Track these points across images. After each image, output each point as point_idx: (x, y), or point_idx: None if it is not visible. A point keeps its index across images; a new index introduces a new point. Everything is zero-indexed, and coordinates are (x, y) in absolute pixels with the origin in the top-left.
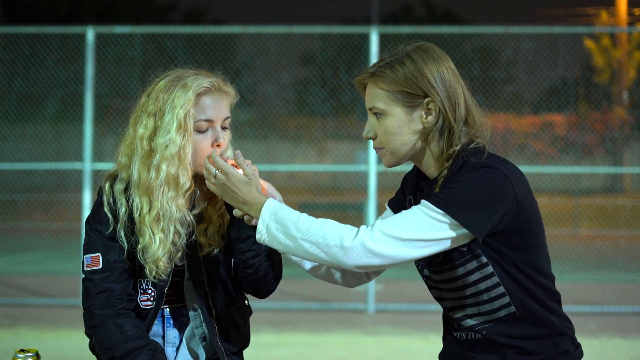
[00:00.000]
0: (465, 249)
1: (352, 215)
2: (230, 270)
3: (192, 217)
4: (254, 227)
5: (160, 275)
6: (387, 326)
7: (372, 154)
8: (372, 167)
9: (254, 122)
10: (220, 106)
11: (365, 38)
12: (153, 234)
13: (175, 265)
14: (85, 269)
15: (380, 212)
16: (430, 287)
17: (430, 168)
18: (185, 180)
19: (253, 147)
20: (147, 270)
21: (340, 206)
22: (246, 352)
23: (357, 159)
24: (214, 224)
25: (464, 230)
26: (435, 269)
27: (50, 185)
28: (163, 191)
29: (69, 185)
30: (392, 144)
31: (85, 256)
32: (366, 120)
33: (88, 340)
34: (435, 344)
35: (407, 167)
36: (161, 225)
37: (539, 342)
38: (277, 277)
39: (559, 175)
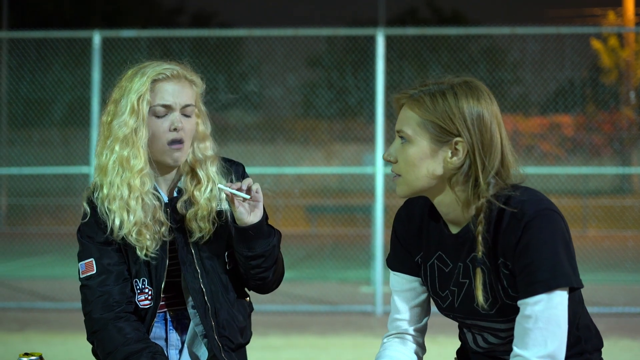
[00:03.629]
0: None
1: (360, 217)
2: (225, 265)
3: (162, 193)
4: (267, 245)
5: (149, 252)
6: None
7: (379, 156)
8: (379, 169)
9: (261, 125)
10: (179, 93)
11: (372, 40)
12: (110, 212)
13: (170, 261)
14: (81, 276)
15: (388, 214)
16: (476, 332)
17: (455, 212)
18: (137, 162)
19: (260, 150)
20: (137, 251)
21: (348, 208)
22: (254, 355)
23: (365, 161)
24: (203, 208)
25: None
26: (503, 319)
27: (58, 190)
28: (117, 171)
29: (76, 189)
30: (409, 175)
31: (79, 264)
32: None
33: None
34: (442, 345)
35: None
36: (117, 204)
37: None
38: (281, 276)
39: (567, 176)
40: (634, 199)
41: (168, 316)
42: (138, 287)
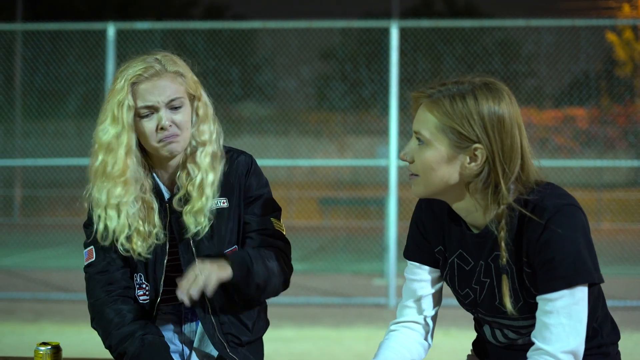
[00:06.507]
0: None
1: (373, 209)
2: None
3: (163, 189)
4: (247, 288)
5: (140, 255)
6: None
7: (393, 149)
8: (393, 161)
9: (274, 117)
10: (162, 90)
11: (386, 32)
12: (96, 217)
13: (173, 256)
14: (84, 265)
15: (401, 206)
16: (496, 327)
17: (473, 215)
18: (117, 169)
19: (274, 142)
20: (130, 253)
21: (361, 201)
22: (266, 347)
23: (378, 154)
24: (195, 200)
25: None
26: (526, 316)
27: (72, 181)
28: (99, 178)
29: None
30: (427, 177)
31: (84, 251)
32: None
33: None
34: (455, 338)
35: None
36: (101, 209)
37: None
38: (283, 283)
39: (581, 169)
40: None
41: (182, 309)
42: (137, 282)
